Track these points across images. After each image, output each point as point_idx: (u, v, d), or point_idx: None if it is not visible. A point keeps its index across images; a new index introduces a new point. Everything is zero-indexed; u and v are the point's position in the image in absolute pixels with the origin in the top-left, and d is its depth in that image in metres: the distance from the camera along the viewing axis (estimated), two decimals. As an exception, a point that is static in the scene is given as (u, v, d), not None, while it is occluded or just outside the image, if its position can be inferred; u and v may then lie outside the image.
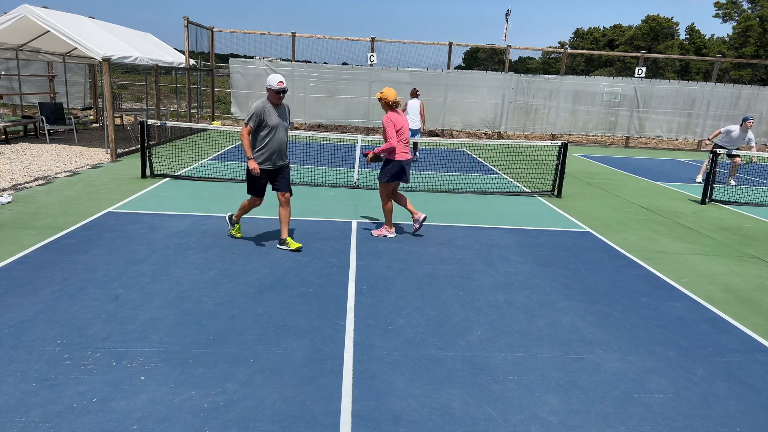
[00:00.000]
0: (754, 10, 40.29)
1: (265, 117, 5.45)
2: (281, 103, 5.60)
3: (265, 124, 5.47)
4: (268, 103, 5.51)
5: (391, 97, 6.17)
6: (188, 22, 15.31)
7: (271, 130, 5.50)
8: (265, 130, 5.49)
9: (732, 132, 11.10)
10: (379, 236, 6.50)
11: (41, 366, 3.39)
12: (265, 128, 5.48)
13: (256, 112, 5.43)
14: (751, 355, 4.07)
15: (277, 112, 5.54)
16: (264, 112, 5.45)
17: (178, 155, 11.51)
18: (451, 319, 4.38)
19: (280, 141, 5.58)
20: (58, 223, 6.34)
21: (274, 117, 5.51)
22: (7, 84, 15.84)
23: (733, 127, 11.18)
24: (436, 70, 17.95)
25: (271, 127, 5.49)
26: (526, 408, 3.25)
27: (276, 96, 5.47)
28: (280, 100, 5.52)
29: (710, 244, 7.04)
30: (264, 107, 5.46)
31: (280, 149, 5.62)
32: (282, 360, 3.62)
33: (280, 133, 5.56)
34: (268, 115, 5.47)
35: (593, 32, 54.25)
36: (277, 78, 5.43)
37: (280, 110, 5.59)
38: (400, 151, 6.22)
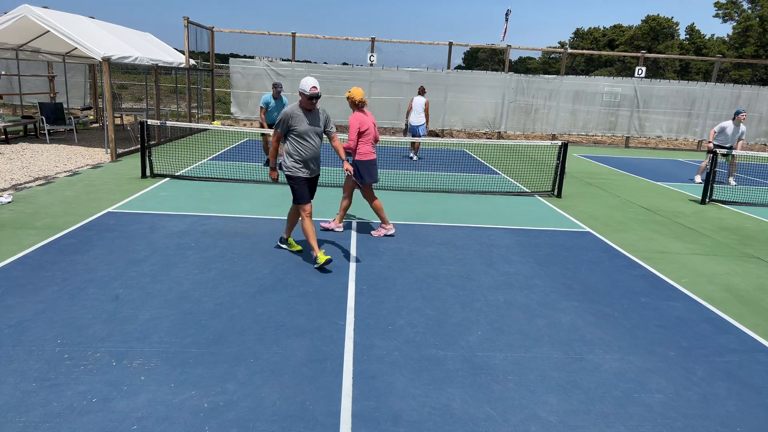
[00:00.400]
0: (754, 10, 40.29)
1: (293, 123, 5.13)
2: (315, 108, 5.25)
3: (295, 131, 5.16)
4: (298, 108, 5.17)
5: (357, 96, 6.13)
6: (188, 22, 15.31)
7: (302, 137, 5.18)
8: (299, 138, 5.19)
9: (726, 128, 11.12)
10: (379, 236, 6.49)
11: (41, 366, 3.39)
12: (297, 135, 5.18)
13: (283, 118, 5.15)
14: (751, 355, 4.07)
15: (308, 119, 5.18)
16: (292, 117, 5.12)
17: (178, 155, 11.51)
18: (451, 319, 4.38)
19: (313, 148, 5.25)
20: (58, 223, 6.34)
21: (303, 123, 5.15)
22: (7, 84, 15.84)
23: (726, 123, 11.18)
24: (436, 70, 17.95)
25: (301, 134, 5.17)
26: (526, 408, 3.25)
27: (308, 101, 5.10)
28: (312, 105, 5.15)
29: (710, 244, 7.04)
30: (293, 113, 5.14)
31: (314, 156, 5.31)
32: (282, 360, 3.62)
33: (312, 140, 5.23)
34: (298, 120, 5.13)
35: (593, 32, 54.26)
36: (311, 82, 5.04)
37: (312, 116, 5.23)
38: (364, 151, 6.24)
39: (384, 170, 11.10)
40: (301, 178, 5.29)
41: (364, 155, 6.25)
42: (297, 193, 5.32)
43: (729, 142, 11.14)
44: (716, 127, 11.33)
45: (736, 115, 11.07)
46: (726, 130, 11.11)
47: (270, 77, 17.44)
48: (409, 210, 7.94)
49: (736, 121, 11.07)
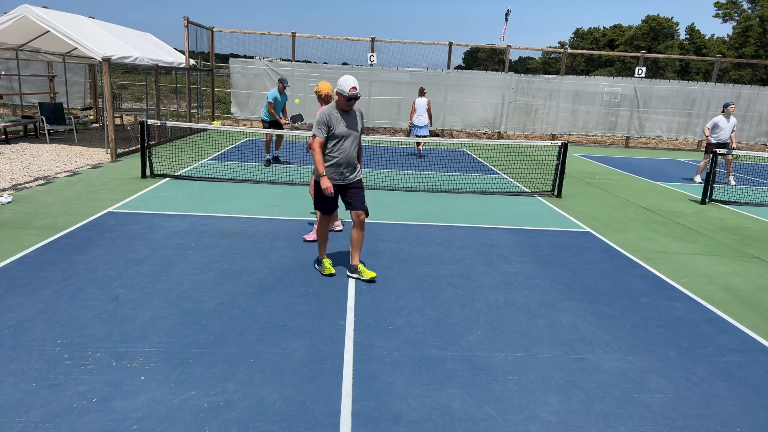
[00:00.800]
0: (754, 10, 40.29)
1: (332, 125, 4.80)
2: (351, 109, 4.92)
3: (333, 134, 4.81)
4: (335, 110, 4.83)
5: (323, 90, 5.96)
6: (188, 22, 15.31)
7: (339, 140, 4.83)
8: (332, 141, 4.83)
9: (719, 122, 11.10)
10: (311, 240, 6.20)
11: (41, 366, 3.39)
12: (332, 138, 4.83)
13: (322, 120, 4.78)
14: (751, 355, 4.07)
15: (345, 120, 4.85)
16: (331, 119, 4.79)
17: (178, 155, 11.51)
18: (451, 319, 4.38)
19: (348, 152, 4.89)
20: (58, 223, 6.34)
21: (342, 125, 4.82)
22: (7, 84, 15.84)
23: (717, 118, 11.17)
24: (436, 70, 17.95)
25: (339, 137, 4.82)
26: (526, 408, 3.25)
27: (346, 102, 4.76)
28: (350, 107, 4.82)
29: (710, 244, 7.04)
30: (331, 114, 4.80)
31: (348, 161, 4.91)
32: (282, 360, 3.62)
33: (348, 144, 4.88)
34: (336, 122, 4.80)
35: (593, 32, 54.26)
36: (350, 82, 4.69)
37: (349, 117, 4.89)
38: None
39: (384, 170, 11.10)
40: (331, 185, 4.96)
41: None
42: (322, 202, 5.00)
43: (725, 136, 11.14)
44: (708, 123, 11.31)
45: (725, 108, 11.08)
46: (719, 124, 11.11)
47: (270, 77, 17.45)
48: (409, 210, 7.94)
49: (726, 114, 11.08)
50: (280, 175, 9.98)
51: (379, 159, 12.63)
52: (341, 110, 4.85)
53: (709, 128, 11.25)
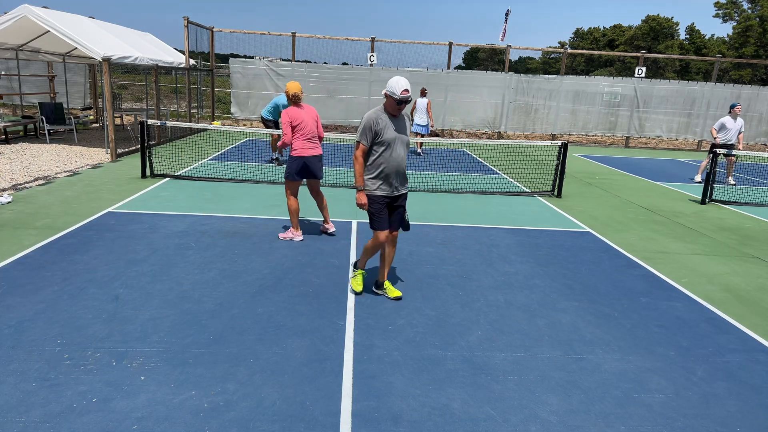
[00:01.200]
0: (754, 10, 40.30)
1: (380, 130, 4.34)
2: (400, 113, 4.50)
3: (381, 140, 4.36)
4: (383, 113, 4.40)
5: (290, 90, 5.89)
6: (188, 22, 15.31)
7: (388, 147, 4.38)
8: (381, 147, 4.38)
9: (726, 123, 11.07)
10: (284, 239, 6.18)
11: (41, 366, 3.39)
12: (379, 145, 4.38)
13: (368, 125, 4.35)
14: (751, 355, 4.07)
15: (394, 125, 4.41)
16: (378, 123, 4.34)
17: (178, 155, 11.51)
18: (451, 319, 4.38)
19: (398, 160, 4.45)
20: (58, 223, 6.34)
21: (391, 130, 4.38)
22: (7, 84, 15.84)
23: (724, 119, 11.13)
24: (436, 70, 17.95)
25: (388, 143, 4.37)
26: (526, 408, 3.25)
27: (396, 106, 4.35)
28: (400, 111, 4.41)
29: (710, 244, 7.04)
30: (378, 118, 4.36)
31: (398, 170, 4.48)
32: (282, 360, 3.62)
33: (398, 151, 4.43)
34: (385, 128, 4.35)
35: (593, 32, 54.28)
36: (402, 84, 4.26)
37: (398, 122, 4.45)
38: (299, 147, 5.95)
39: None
40: (379, 198, 4.47)
41: (295, 151, 5.97)
42: (374, 217, 4.49)
43: (732, 138, 11.11)
44: (716, 124, 11.26)
45: (732, 109, 11.05)
46: (727, 125, 11.07)
47: (270, 77, 17.45)
48: (409, 210, 7.94)
49: (733, 115, 11.05)
50: (280, 175, 9.98)
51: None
52: (389, 114, 4.42)
53: (716, 129, 11.21)
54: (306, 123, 5.96)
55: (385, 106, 4.43)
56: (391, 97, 4.32)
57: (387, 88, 4.32)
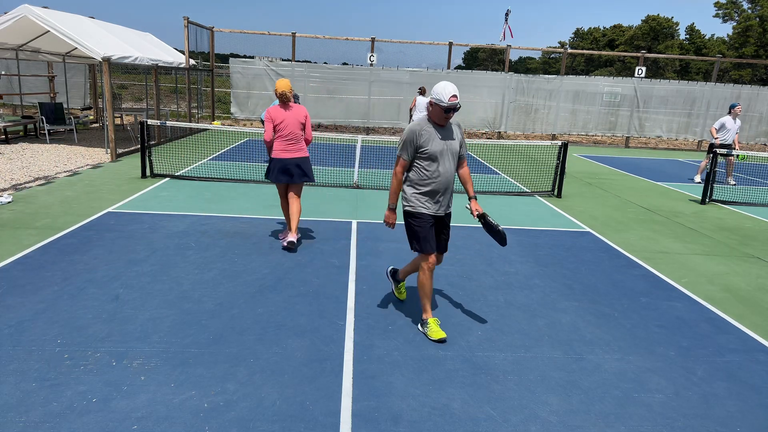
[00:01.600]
0: (754, 10, 40.29)
1: (424, 142, 3.89)
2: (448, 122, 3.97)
3: (426, 153, 3.91)
4: (428, 124, 3.93)
5: (278, 88, 5.69)
6: (188, 22, 15.31)
7: (435, 161, 3.92)
8: (426, 161, 3.92)
9: (726, 123, 11.06)
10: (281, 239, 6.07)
11: (41, 366, 3.39)
12: (425, 158, 3.92)
13: (410, 138, 3.89)
14: (751, 355, 4.07)
15: (441, 135, 3.94)
16: (421, 135, 3.89)
17: (178, 155, 11.51)
18: (451, 319, 4.38)
19: (447, 176, 3.98)
20: (58, 223, 6.34)
21: (437, 141, 3.90)
22: (7, 84, 15.84)
23: (724, 118, 11.12)
24: (436, 70, 17.95)
25: (435, 156, 3.91)
26: (526, 408, 3.25)
27: (443, 114, 3.85)
28: (447, 120, 3.90)
29: (710, 244, 7.04)
30: (421, 130, 3.90)
31: (447, 187, 4.02)
32: (282, 360, 3.62)
33: (447, 164, 3.96)
34: (428, 139, 3.90)
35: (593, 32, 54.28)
36: (450, 90, 3.79)
37: (445, 132, 3.97)
38: (277, 148, 5.76)
39: (384, 170, 11.10)
40: (425, 217, 4.01)
41: (277, 152, 5.77)
42: (418, 237, 4.01)
43: (730, 138, 11.11)
44: (716, 123, 11.24)
45: (732, 109, 11.04)
46: (726, 125, 11.07)
47: (270, 77, 17.46)
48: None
49: (733, 115, 11.05)
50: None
51: (380, 159, 12.64)
52: (435, 123, 3.95)
53: (716, 129, 11.20)
54: (287, 124, 5.72)
55: (430, 115, 3.96)
56: (437, 105, 3.83)
57: (432, 95, 3.85)
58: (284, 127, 5.73)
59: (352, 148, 13.71)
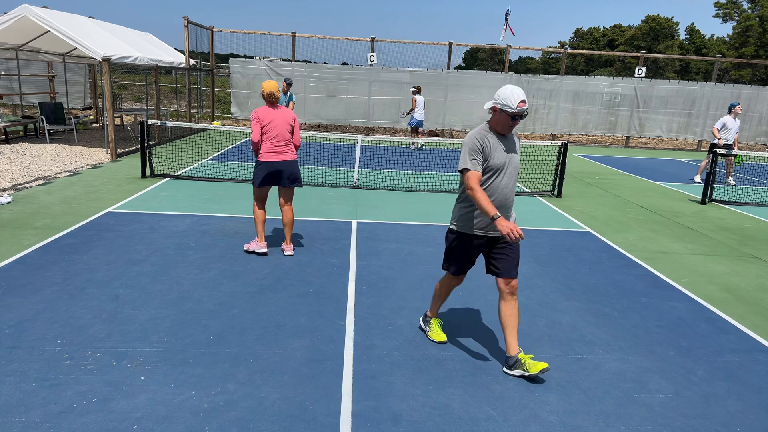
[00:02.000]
0: (754, 10, 40.30)
1: (488, 153, 3.46)
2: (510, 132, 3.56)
3: (488, 165, 3.47)
4: (490, 133, 3.49)
5: (265, 89, 5.46)
6: (188, 22, 15.31)
7: (496, 174, 3.49)
8: (485, 174, 3.49)
9: (727, 123, 11.04)
10: (248, 250, 5.69)
11: (41, 366, 3.39)
12: (484, 171, 3.48)
13: (475, 146, 3.44)
14: (751, 355, 4.07)
15: (504, 146, 3.51)
16: (486, 146, 3.45)
17: (178, 155, 11.51)
18: (451, 319, 4.38)
19: (506, 192, 3.52)
20: (58, 223, 6.34)
21: (500, 153, 3.48)
22: (7, 84, 15.84)
23: (725, 118, 11.09)
24: (436, 70, 17.95)
25: (497, 169, 3.48)
26: (526, 408, 3.24)
27: (510, 122, 3.43)
28: (512, 128, 3.48)
29: (710, 244, 7.04)
30: (484, 139, 3.45)
31: (506, 204, 3.55)
32: (282, 360, 3.62)
33: (507, 179, 3.51)
34: (493, 150, 3.46)
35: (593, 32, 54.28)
36: (518, 95, 3.35)
37: (508, 143, 3.54)
38: (264, 150, 5.47)
39: (384, 170, 11.10)
40: (469, 240, 3.57)
41: (266, 155, 5.48)
42: (452, 257, 3.68)
43: (731, 137, 11.10)
44: (717, 123, 11.20)
45: (732, 108, 11.03)
46: (728, 125, 11.06)
47: (270, 77, 17.45)
48: (409, 210, 7.94)
49: (733, 114, 11.04)
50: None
51: (379, 159, 12.64)
52: (497, 133, 3.51)
53: (718, 129, 11.17)
54: (276, 125, 5.46)
55: (491, 123, 3.50)
56: (503, 111, 3.38)
57: (497, 100, 3.40)
58: (273, 128, 5.46)
59: (352, 148, 13.70)
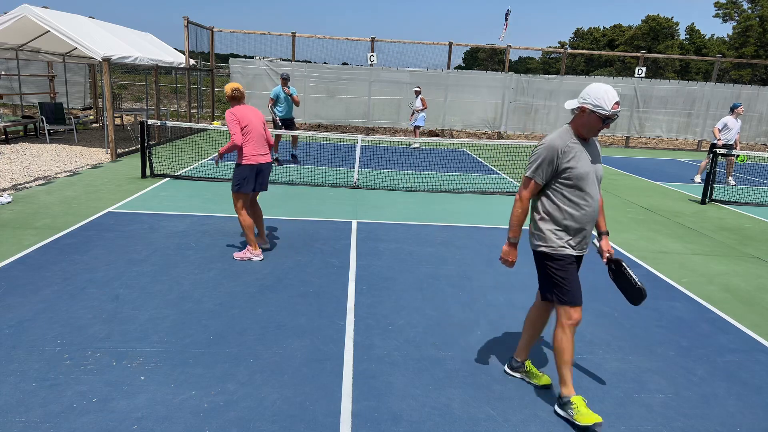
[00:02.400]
0: (754, 10, 40.29)
1: (570, 163, 3.00)
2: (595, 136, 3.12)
3: (572, 176, 3.01)
4: (573, 138, 3.05)
5: (228, 90, 5.32)
6: (188, 22, 15.31)
7: (582, 186, 3.03)
8: (570, 188, 3.04)
9: (728, 123, 11.03)
10: (242, 259, 5.43)
11: (41, 366, 3.39)
12: (569, 182, 3.03)
13: (549, 157, 3.01)
14: (751, 355, 4.07)
15: (589, 152, 3.08)
16: (566, 153, 3.00)
17: (178, 155, 11.51)
18: (451, 319, 4.38)
19: (595, 205, 3.12)
20: (58, 223, 6.34)
21: (585, 160, 3.04)
22: (7, 84, 15.84)
23: (726, 118, 11.07)
24: (436, 70, 17.95)
25: (583, 179, 3.02)
26: (526, 408, 3.24)
27: (599, 126, 3.00)
28: (598, 133, 3.06)
29: (710, 244, 7.04)
30: (566, 147, 3.01)
31: (594, 218, 3.14)
32: (282, 360, 3.62)
33: (594, 191, 3.09)
34: (577, 158, 3.01)
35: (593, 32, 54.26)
36: (613, 95, 2.94)
37: (592, 149, 3.11)
38: (250, 152, 5.28)
39: (384, 170, 11.10)
40: (568, 258, 3.14)
41: (245, 157, 5.28)
42: (562, 285, 3.12)
43: (732, 138, 11.09)
44: (718, 124, 11.17)
45: (735, 109, 11.01)
46: (729, 125, 11.04)
47: (270, 77, 17.44)
48: (409, 210, 7.94)
49: (735, 115, 11.03)
50: (280, 175, 9.98)
51: (379, 159, 12.64)
52: (581, 138, 3.07)
53: (719, 129, 11.15)
54: (254, 125, 5.30)
55: (575, 125, 3.07)
56: (594, 113, 2.95)
57: (587, 100, 2.97)
58: (253, 129, 5.29)
59: (352, 148, 13.70)
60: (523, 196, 3.12)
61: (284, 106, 10.88)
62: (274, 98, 10.85)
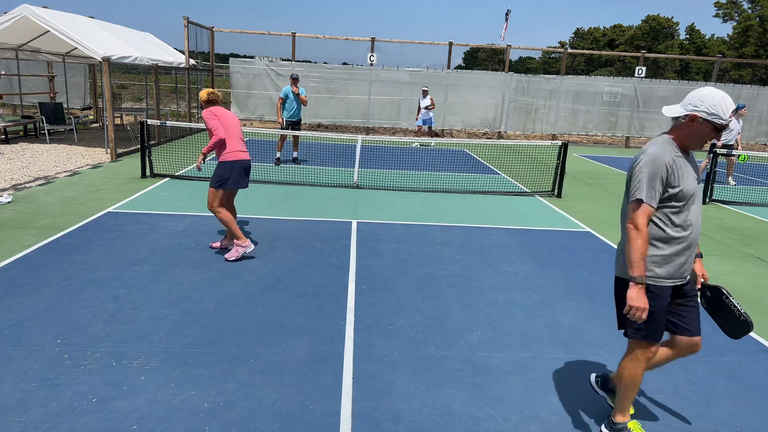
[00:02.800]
0: (754, 10, 40.30)
1: (676, 180, 2.64)
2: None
3: (678, 194, 2.65)
4: (676, 150, 2.68)
5: (202, 96, 5.45)
6: (188, 22, 15.31)
7: (688, 204, 2.69)
8: (672, 208, 2.68)
9: (730, 124, 11.04)
10: (237, 258, 5.35)
11: (41, 366, 3.39)
12: (675, 203, 2.67)
13: (657, 172, 2.62)
14: (751, 355, 4.07)
15: (691, 167, 2.74)
16: (673, 169, 2.64)
17: (178, 155, 11.51)
18: (451, 319, 4.38)
19: (699, 226, 2.77)
20: (58, 223, 6.34)
21: (690, 177, 2.69)
22: (7, 84, 15.84)
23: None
24: (436, 70, 17.95)
25: (689, 198, 2.68)
26: (526, 408, 3.24)
27: (710, 136, 2.68)
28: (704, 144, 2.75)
29: (710, 244, 7.04)
30: (673, 160, 2.64)
31: (697, 240, 2.78)
32: (282, 360, 3.62)
33: (697, 210, 2.76)
34: (682, 174, 2.66)
35: (593, 32, 54.26)
36: (730, 102, 2.61)
37: (691, 161, 2.75)
38: (233, 149, 5.27)
39: (384, 170, 11.10)
40: (664, 292, 2.75)
41: (228, 154, 5.28)
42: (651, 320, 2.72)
43: (733, 138, 11.09)
44: None
45: (738, 110, 11.01)
46: (730, 125, 11.03)
47: (270, 77, 17.45)
48: (409, 210, 7.94)
49: (737, 116, 11.03)
50: (280, 175, 9.98)
51: (380, 159, 12.64)
52: (684, 153, 2.73)
53: None
54: (233, 123, 5.37)
55: (680, 137, 2.71)
56: (709, 122, 2.61)
57: (701, 107, 2.61)
58: (232, 126, 5.35)
59: (352, 148, 13.70)
60: (640, 224, 2.63)
61: (292, 107, 10.89)
62: (283, 97, 10.87)
